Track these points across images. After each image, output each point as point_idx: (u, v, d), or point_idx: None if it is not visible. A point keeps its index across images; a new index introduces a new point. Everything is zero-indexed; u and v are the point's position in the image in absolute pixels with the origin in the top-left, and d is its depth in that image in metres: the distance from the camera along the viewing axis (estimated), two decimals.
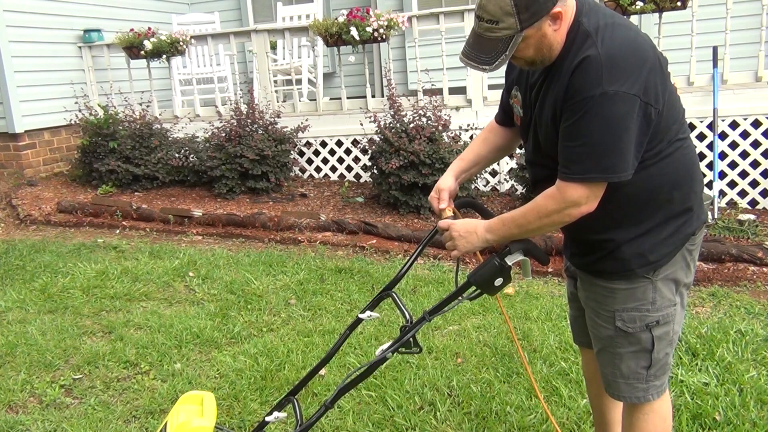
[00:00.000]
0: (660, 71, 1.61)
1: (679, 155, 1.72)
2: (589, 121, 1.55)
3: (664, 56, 1.67)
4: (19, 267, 4.86)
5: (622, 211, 1.73)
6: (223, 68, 7.97)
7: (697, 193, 1.78)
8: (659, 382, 1.86)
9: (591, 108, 1.54)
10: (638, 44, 1.61)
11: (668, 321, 1.80)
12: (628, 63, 1.55)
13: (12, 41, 6.68)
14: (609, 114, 1.53)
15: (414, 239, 5.04)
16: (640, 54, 1.58)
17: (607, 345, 1.86)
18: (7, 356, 3.47)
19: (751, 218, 4.93)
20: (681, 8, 5.28)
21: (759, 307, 3.69)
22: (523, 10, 1.53)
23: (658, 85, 1.59)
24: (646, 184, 1.69)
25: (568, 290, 2.15)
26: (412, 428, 2.69)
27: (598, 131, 1.54)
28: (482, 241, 1.79)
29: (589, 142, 1.56)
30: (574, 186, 1.60)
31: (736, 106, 5.39)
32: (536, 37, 1.59)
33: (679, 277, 1.80)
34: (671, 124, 1.68)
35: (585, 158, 1.57)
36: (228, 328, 3.71)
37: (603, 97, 1.52)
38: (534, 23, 1.56)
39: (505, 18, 1.54)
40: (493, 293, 1.84)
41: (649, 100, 1.56)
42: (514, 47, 1.58)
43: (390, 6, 8.15)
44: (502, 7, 1.53)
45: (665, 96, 1.62)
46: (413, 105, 5.96)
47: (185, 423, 2.02)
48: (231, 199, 6.24)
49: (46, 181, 7.00)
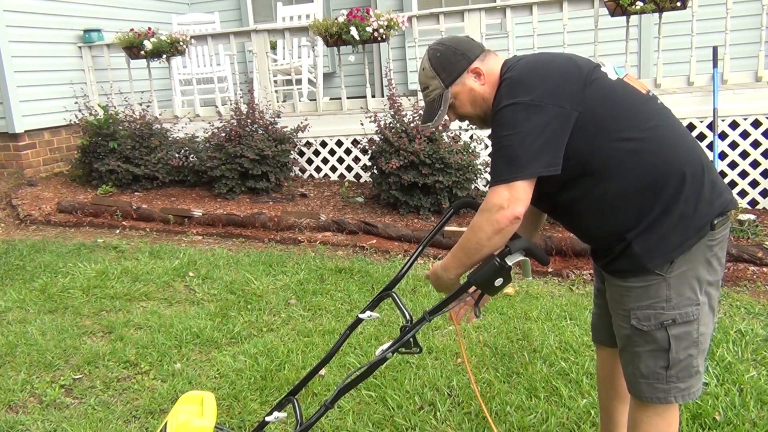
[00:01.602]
0: (575, 77, 1.76)
1: (654, 144, 1.75)
2: (495, 131, 1.77)
3: (594, 62, 1.84)
4: (19, 267, 4.86)
5: (621, 210, 1.76)
6: (223, 68, 7.97)
7: (693, 175, 1.75)
8: (683, 385, 1.83)
9: (496, 121, 1.77)
10: (543, 64, 1.82)
11: (689, 320, 1.78)
12: (528, 78, 1.76)
13: (12, 41, 6.68)
14: (508, 122, 1.73)
15: (414, 239, 5.04)
16: (543, 70, 1.79)
17: (627, 344, 1.88)
18: (7, 356, 3.47)
19: (751, 218, 4.94)
20: (681, 8, 5.28)
21: (759, 307, 3.69)
22: (441, 71, 1.89)
23: (573, 88, 1.74)
24: (633, 178, 1.73)
25: (595, 286, 2.20)
26: (412, 428, 2.69)
27: (503, 137, 1.73)
28: (443, 270, 1.91)
29: (498, 149, 1.75)
30: (493, 190, 1.73)
31: (736, 106, 5.39)
32: (465, 92, 1.89)
33: (700, 275, 1.78)
34: (623, 116, 1.76)
35: (497, 164, 1.75)
36: (228, 328, 3.72)
37: (503, 109, 1.75)
38: (455, 80, 1.88)
39: (431, 81, 1.91)
40: (493, 293, 1.84)
41: (556, 102, 1.71)
42: (446, 102, 1.90)
43: (390, 6, 8.15)
44: (426, 74, 1.92)
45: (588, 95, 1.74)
46: (413, 105, 5.96)
47: (185, 423, 2.02)
48: (231, 199, 6.24)
49: (46, 181, 7.00)
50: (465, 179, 5.45)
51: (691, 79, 5.60)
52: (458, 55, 1.88)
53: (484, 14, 6.01)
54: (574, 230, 2.01)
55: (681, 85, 5.67)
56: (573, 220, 1.94)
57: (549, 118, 1.70)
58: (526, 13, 5.95)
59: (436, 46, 1.94)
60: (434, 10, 6.27)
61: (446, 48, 1.91)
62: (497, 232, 1.72)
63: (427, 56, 1.93)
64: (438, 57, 1.90)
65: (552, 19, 6.63)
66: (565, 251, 4.56)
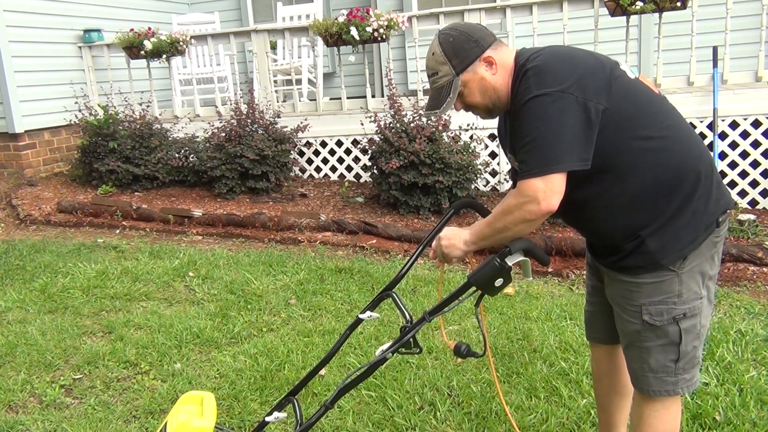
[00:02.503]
0: (600, 73, 1.75)
1: (673, 143, 1.78)
2: (528, 122, 1.72)
3: (613, 60, 1.83)
4: (19, 267, 4.86)
5: (637, 208, 1.78)
6: (223, 68, 7.97)
7: (706, 173, 1.80)
8: (689, 376, 1.88)
9: (527, 111, 1.72)
10: (568, 56, 1.79)
11: (695, 314, 1.83)
12: (557, 69, 1.73)
13: (12, 41, 6.68)
14: (543, 113, 1.69)
15: (414, 239, 5.04)
16: (569, 62, 1.75)
17: (635, 340, 1.89)
18: (7, 356, 3.47)
19: (751, 218, 4.94)
20: (681, 8, 5.28)
21: (759, 307, 3.69)
22: (453, 57, 1.82)
23: (599, 83, 1.72)
24: (652, 176, 1.76)
25: (589, 283, 2.18)
26: (412, 428, 2.69)
27: (538, 129, 1.69)
28: (463, 243, 1.89)
29: (532, 140, 1.70)
30: (528, 182, 1.70)
31: (736, 106, 5.39)
32: (475, 81, 1.84)
33: (705, 270, 1.83)
34: (644, 114, 1.77)
35: (532, 155, 1.70)
36: (228, 328, 3.72)
37: (535, 99, 1.70)
38: (467, 67, 1.82)
39: (441, 67, 1.84)
40: (493, 294, 1.84)
41: (586, 96, 1.68)
42: (456, 90, 1.84)
43: (390, 6, 8.15)
44: (437, 59, 1.85)
45: (613, 92, 1.73)
46: (413, 105, 5.96)
47: (185, 423, 2.02)
48: (231, 199, 6.24)
49: (46, 181, 7.00)
50: (465, 179, 5.45)
51: (691, 79, 5.60)
52: (471, 42, 1.83)
53: (484, 14, 6.01)
54: (583, 228, 2.01)
55: (681, 85, 5.67)
56: (584, 218, 1.92)
57: (580, 111, 1.67)
58: (526, 13, 5.96)
59: (448, 31, 1.87)
60: (434, 10, 6.27)
61: (459, 34, 1.84)
62: (527, 221, 1.74)
63: (438, 41, 1.86)
64: (450, 42, 1.83)
65: (552, 19, 6.62)
66: (565, 251, 4.56)
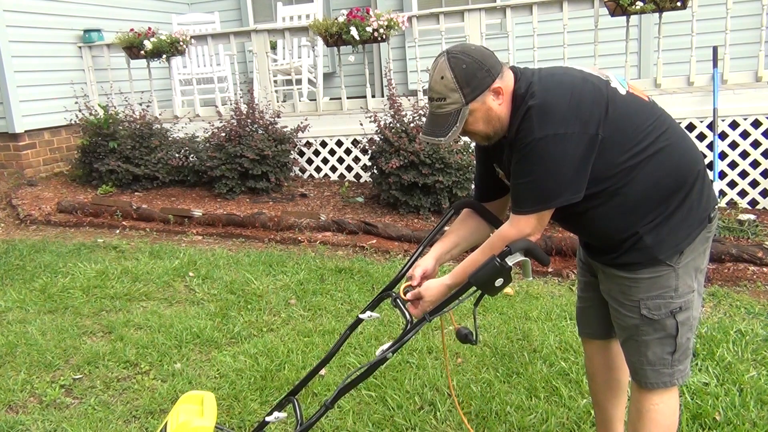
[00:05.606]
0: (600, 100, 1.76)
1: (671, 147, 1.83)
2: (530, 163, 1.74)
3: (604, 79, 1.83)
4: (19, 267, 4.86)
5: (638, 210, 1.83)
6: (223, 68, 7.96)
7: (701, 173, 1.87)
8: (683, 366, 1.94)
9: (530, 152, 1.73)
10: (568, 87, 1.77)
11: (689, 306, 1.89)
12: (559, 107, 1.72)
13: (12, 41, 6.68)
14: (545, 155, 1.72)
15: (414, 239, 5.04)
16: (569, 96, 1.74)
17: (633, 334, 1.93)
18: (7, 356, 3.47)
19: (751, 218, 4.94)
20: (681, 8, 5.28)
21: (759, 307, 3.69)
22: (465, 86, 1.75)
23: (600, 113, 1.74)
24: (653, 181, 1.80)
25: (581, 280, 2.20)
26: (412, 428, 2.69)
27: (538, 171, 1.74)
28: (444, 287, 1.93)
29: (531, 180, 1.75)
30: (525, 218, 1.78)
31: (736, 106, 5.39)
32: (482, 111, 1.78)
33: (698, 264, 1.89)
34: (640, 130, 1.79)
35: (531, 194, 1.77)
36: (228, 328, 3.72)
37: (537, 142, 1.71)
38: (477, 97, 1.76)
39: (451, 94, 1.76)
40: (493, 294, 1.84)
41: (588, 130, 1.72)
42: (463, 119, 1.78)
43: (390, 6, 8.15)
44: (447, 85, 1.75)
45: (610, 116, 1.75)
46: (413, 105, 5.96)
47: (185, 423, 2.02)
48: (231, 199, 6.24)
49: (46, 181, 7.00)
50: (465, 179, 5.45)
51: (691, 79, 5.60)
52: (484, 70, 1.75)
53: (484, 14, 6.01)
54: (581, 232, 2.03)
55: (681, 85, 5.67)
56: (583, 224, 1.95)
57: (581, 148, 1.72)
58: (526, 13, 5.95)
59: (460, 56, 1.76)
60: (434, 10, 6.26)
61: (473, 61, 1.75)
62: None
63: (449, 65, 1.75)
64: (464, 69, 1.74)
65: (552, 19, 6.62)
66: (565, 251, 4.56)
